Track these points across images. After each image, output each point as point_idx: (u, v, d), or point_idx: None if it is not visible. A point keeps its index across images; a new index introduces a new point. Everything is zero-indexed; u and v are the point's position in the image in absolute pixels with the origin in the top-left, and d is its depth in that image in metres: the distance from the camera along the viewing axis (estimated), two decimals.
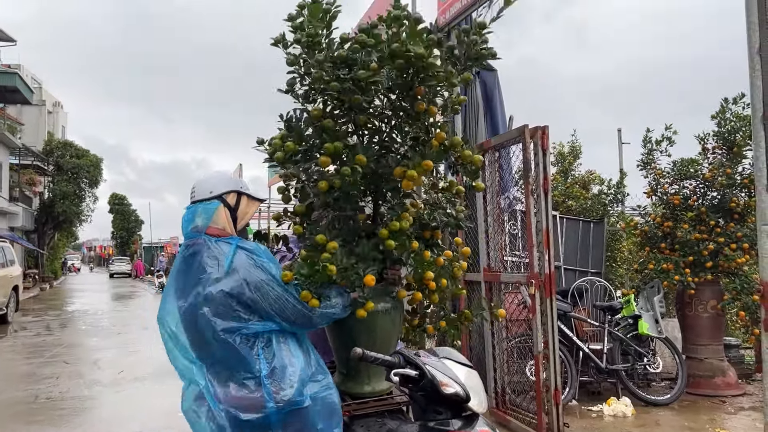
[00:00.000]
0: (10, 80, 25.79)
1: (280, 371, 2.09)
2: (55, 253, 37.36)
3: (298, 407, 2.07)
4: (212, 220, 2.22)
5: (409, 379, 1.93)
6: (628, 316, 6.06)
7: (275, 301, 2.09)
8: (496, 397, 5.16)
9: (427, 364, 1.91)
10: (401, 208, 2.36)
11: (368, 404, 2.34)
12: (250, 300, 2.08)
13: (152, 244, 49.41)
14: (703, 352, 6.18)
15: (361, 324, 2.29)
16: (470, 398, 1.88)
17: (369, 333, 2.30)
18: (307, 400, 2.09)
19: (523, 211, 5.57)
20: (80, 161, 32.94)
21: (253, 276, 2.09)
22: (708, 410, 5.59)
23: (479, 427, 1.88)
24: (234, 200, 2.29)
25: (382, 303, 2.33)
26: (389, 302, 2.36)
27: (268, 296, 2.08)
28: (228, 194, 2.27)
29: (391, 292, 2.37)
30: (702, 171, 6.36)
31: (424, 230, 2.44)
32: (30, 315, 15.61)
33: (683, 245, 6.22)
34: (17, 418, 5.60)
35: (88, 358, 9.01)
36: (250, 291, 2.07)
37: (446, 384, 1.86)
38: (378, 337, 2.23)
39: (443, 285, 2.41)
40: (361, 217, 2.39)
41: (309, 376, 2.15)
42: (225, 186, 2.29)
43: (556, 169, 9.68)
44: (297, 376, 2.10)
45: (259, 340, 2.11)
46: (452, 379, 1.88)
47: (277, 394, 2.05)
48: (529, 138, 4.59)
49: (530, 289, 4.54)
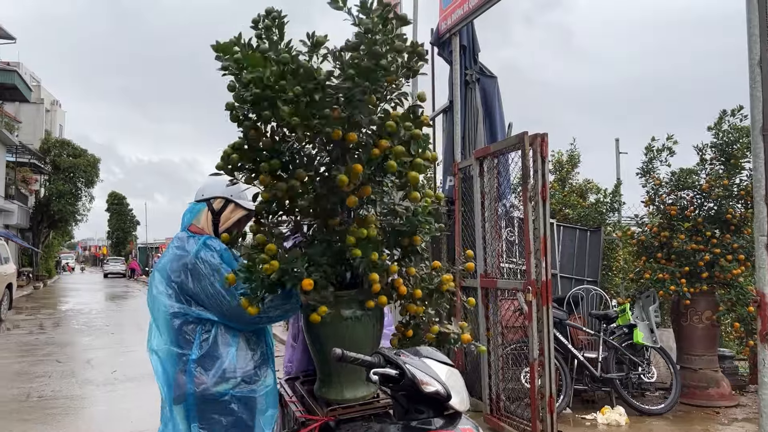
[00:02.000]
0: (9, 78, 25.73)
1: (209, 360, 2.26)
2: (49, 252, 37.27)
3: (213, 399, 2.24)
4: (195, 219, 2.50)
5: (390, 379, 1.91)
6: (624, 325, 6.07)
7: (212, 297, 2.27)
8: (491, 404, 5.15)
9: (407, 363, 1.90)
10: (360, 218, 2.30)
11: (354, 408, 2.33)
12: (191, 291, 2.28)
13: (147, 245, 49.32)
14: (698, 362, 6.18)
15: (328, 330, 2.27)
16: (451, 397, 1.87)
17: (337, 340, 2.26)
18: (226, 395, 2.25)
19: (520, 218, 5.59)
20: (77, 160, 32.91)
21: (198, 269, 2.29)
22: (702, 421, 5.59)
23: (461, 425, 1.87)
24: (220, 205, 2.51)
25: (351, 310, 2.31)
26: (360, 309, 2.33)
27: (206, 290, 2.27)
28: (215, 199, 2.51)
29: (362, 299, 2.34)
30: (699, 182, 6.38)
31: (402, 237, 2.38)
32: (23, 313, 15.55)
33: (679, 255, 6.24)
34: (9, 417, 5.57)
35: (81, 358, 8.97)
36: (192, 282, 2.28)
37: (427, 383, 1.85)
38: (347, 344, 2.18)
39: (417, 296, 2.38)
40: (334, 222, 2.34)
41: (242, 373, 2.30)
42: (214, 192, 2.52)
43: (554, 177, 9.70)
44: (221, 370, 2.26)
45: (200, 327, 2.29)
46: (433, 378, 1.87)
47: (198, 380, 2.23)
48: (529, 145, 4.60)
49: (527, 296, 4.55)
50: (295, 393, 2.66)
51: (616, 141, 11.09)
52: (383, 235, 2.33)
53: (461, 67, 6.16)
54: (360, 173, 2.13)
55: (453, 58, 6.12)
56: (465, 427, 1.85)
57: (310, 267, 2.15)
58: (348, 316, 2.28)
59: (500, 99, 6.49)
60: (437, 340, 2.46)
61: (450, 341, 2.45)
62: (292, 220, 2.43)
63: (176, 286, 2.30)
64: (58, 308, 17.74)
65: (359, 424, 2.22)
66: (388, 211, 2.37)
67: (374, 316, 2.38)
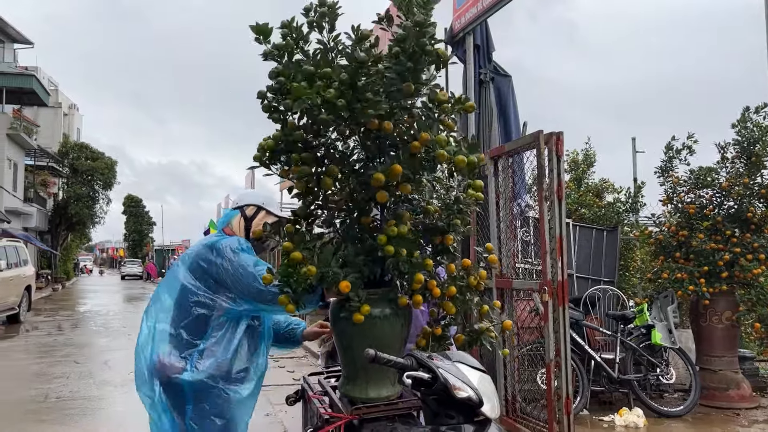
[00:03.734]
0: (27, 82, 26.09)
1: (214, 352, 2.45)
2: (67, 254, 37.69)
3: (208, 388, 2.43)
4: (228, 224, 2.72)
5: (422, 382, 1.89)
6: (641, 325, 6.00)
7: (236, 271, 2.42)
8: (507, 405, 5.11)
9: (440, 368, 1.88)
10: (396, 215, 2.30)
11: (378, 408, 2.31)
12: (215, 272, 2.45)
13: (164, 247, 49.69)
14: (718, 363, 6.09)
15: (355, 328, 2.26)
16: (483, 403, 1.85)
17: (364, 338, 2.26)
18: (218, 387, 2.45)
19: (535, 217, 5.54)
20: (95, 164, 33.25)
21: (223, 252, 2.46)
22: (722, 423, 5.50)
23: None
24: (252, 212, 2.73)
25: (380, 309, 2.30)
26: (389, 308, 2.32)
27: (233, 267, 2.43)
28: (248, 207, 2.74)
29: (393, 298, 2.33)
30: (719, 180, 6.29)
31: (433, 236, 2.40)
32: (42, 315, 15.73)
33: (698, 255, 6.15)
34: (28, 417, 5.63)
35: (99, 359, 9.05)
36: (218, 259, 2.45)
37: (459, 388, 1.83)
38: (375, 343, 2.17)
39: (451, 293, 2.37)
40: (366, 220, 2.35)
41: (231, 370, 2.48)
42: (248, 200, 2.76)
43: (569, 177, 9.63)
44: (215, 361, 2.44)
45: (215, 321, 2.47)
46: (465, 383, 1.85)
47: (199, 366, 2.42)
48: (544, 144, 4.56)
49: (543, 296, 4.50)
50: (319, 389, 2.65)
51: (632, 140, 11.03)
52: (415, 234, 2.33)
53: (475, 66, 6.13)
54: (399, 174, 2.14)
55: (467, 57, 6.09)
56: None
57: (344, 267, 2.17)
58: (377, 315, 2.27)
59: (515, 98, 6.44)
60: (470, 339, 2.44)
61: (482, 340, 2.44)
62: (326, 214, 2.45)
63: (201, 271, 2.47)
64: (76, 310, 17.92)
65: (383, 424, 2.20)
66: (421, 210, 2.38)
67: (402, 316, 2.37)
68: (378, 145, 2.27)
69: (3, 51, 31.05)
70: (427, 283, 2.33)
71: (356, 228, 2.37)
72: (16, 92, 26.24)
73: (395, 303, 2.32)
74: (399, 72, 2.11)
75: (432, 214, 2.40)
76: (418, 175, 2.28)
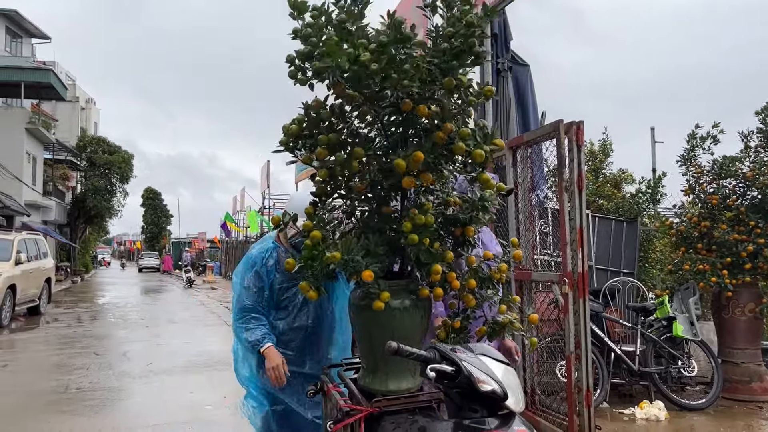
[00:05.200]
0: (45, 77, 26.29)
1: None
2: (86, 247, 38.12)
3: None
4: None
5: (445, 375, 1.86)
6: (662, 317, 5.92)
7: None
8: (526, 398, 5.06)
9: (463, 360, 1.84)
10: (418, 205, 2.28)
11: (399, 400, 2.29)
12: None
13: (180, 240, 50.06)
14: (740, 356, 6.00)
15: (375, 320, 2.25)
16: (507, 396, 1.81)
17: (384, 330, 2.24)
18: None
19: (554, 208, 5.47)
20: (112, 157, 33.56)
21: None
22: (744, 416, 5.42)
23: (516, 426, 1.80)
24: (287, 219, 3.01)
25: (400, 300, 2.28)
26: (409, 300, 2.30)
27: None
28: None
29: (413, 289, 2.31)
30: (743, 170, 6.17)
31: (453, 227, 2.37)
32: (62, 307, 15.92)
33: (721, 246, 6.05)
34: (49, 408, 5.69)
35: (118, 350, 9.13)
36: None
37: (483, 381, 1.79)
38: (394, 335, 2.15)
39: (471, 286, 2.34)
40: (387, 210, 2.33)
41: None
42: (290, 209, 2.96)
43: (586, 168, 9.52)
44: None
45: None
46: (489, 376, 1.81)
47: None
48: (564, 133, 4.49)
49: (563, 288, 4.45)
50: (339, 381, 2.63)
51: (651, 130, 10.89)
52: (435, 225, 2.31)
53: (493, 55, 6.06)
54: (420, 161, 2.11)
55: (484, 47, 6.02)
56: (519, 428, 1.78)
57: (366, 257, 2.15)
58: (397, 306, 2.26)
59: (533, 88, 6.37)
60: (491, 332, 2.41)
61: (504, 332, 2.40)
62: (347, 204, 2.43)
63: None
64: (95, 302, 18.12)
65: (404, 417, 2.18)
66: (441, 201, 2.36)
67: (422, 308, 2.35)
68: (401, 133, 2.25)
69: (21, 45, 31.40)
70: (447, 275, 2.30)
71: (376, 218, 2.35)
72: (34, 87, 26.46)
73: (415, 294, 2.30)
74: (440, 66, 2.10)
75: (452, 206, 2.38)
76: (440, 165, 2.25)
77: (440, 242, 2.31)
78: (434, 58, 2.10)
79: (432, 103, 2.17)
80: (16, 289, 12.16)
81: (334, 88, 2.20)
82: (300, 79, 2.19)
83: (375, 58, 2.01)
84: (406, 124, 2.26)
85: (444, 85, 2.12)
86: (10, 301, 11.88)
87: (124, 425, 5.12)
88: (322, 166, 2.31)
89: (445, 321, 2.47)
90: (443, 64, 2.09)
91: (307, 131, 2.29)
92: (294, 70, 2.19)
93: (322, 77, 2.14)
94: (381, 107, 2.19)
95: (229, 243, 36.04)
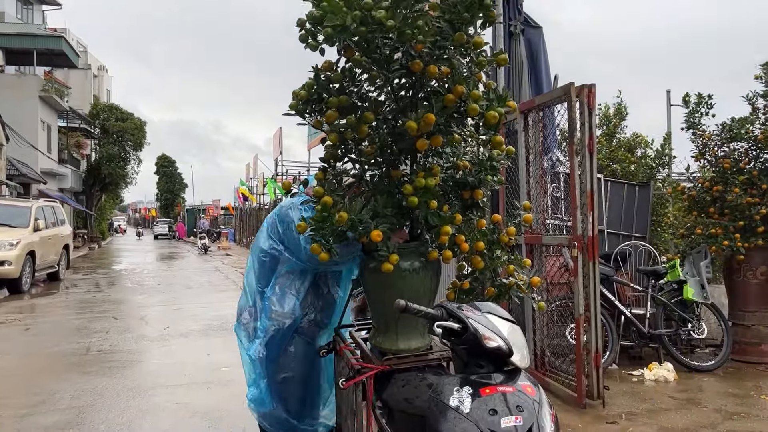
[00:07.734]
0: (57, 44, 26.30)
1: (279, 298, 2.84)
2: (102, 215, 38.53)
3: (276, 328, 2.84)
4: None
5: (452, 332, 1.92)
6: (673, 281, 5.94)
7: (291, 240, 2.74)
8: (536, 359, 5.15)
9: (470, 318, 1.90)
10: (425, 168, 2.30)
11: (408, 359, 2.36)
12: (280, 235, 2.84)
13: (195, 207, 50.41)
14: (751, 318, 6.03)
15: (385, 281, 2.30)
16: (513, 353, 1.87)
17: (394, 291, 2.29)
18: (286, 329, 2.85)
19: (566, 173, 5.47)
20: (125, 124, 33.65)
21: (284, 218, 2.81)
22: (753, 377, 5.48)
23: (521, 381, 1.86)
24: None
25: (409, 262, 2.32)
26: (418, 262, 2.34)
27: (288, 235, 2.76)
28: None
29: (423, 251, 2.35)
30: (754, 132, 6.10)
31: (462, 190, 2.39)
32: (80, 273, 16.21)
33: (733, 209, 6.02)
34: (72, 369, 5.86)
35: (136, 314, 9.33)
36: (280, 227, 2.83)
37: (489, 338, 1.85)
38: (404, 296, 2.20)
39: (479, 248, 2.37)
40: (396, 173, 2.36)
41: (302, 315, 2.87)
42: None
43: (600, 132, 9.43)
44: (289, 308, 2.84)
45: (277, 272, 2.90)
46: (495, 333, 1.87)
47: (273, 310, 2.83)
48: (575, 96, 4.47)
49: (573, 251, 4.48)
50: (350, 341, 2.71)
51: (667, 92, 10.70)
52: (443, 188, 2.34)
53: (505, 17, 5.99)
54: (432, 123, 2.13)
55: (496, 8, 5.94)
56: (525, 384, 1.84)
57: (375, 218, 2.20)
58: (407, 268, 2.31)
59: (546, 50, 6.29)
60: (498, 293, 2.46)
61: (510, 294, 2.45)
62: (357, 169, 2.46)
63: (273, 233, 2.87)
64: (112, 268, 18.42)
65: (414, 374, 2.24)
66: (451, 165, 2.38)
67: (432, 269, 2.39)
68: (411, 96, 2.26)
69: (32, 12, 31.29)
70: (455, 238, 2.34)
71: (385, 182, 2.38)
72: (46, 54, 26.49)
73: (425, 257, 2.34)
74: (451, 21, 2.10)
75: (462, 169, 2.39)
76: (450, 127, 2.27)
77: (449, 205, 2.34)
78: (445, 13, 2.10)
79: (443, 63, 2.17)
80: (35, 255, 12.40)
81: (345, 52, 2.21)
82: (310, 43, 2.19)
83: (390, 15, 2.01)
84: (416, 87, 2.27)
85: (455, 39, 2.11)
86: (29, 267, 12.13)
87: (144, 385, 5.28)
88: (332, 130, 2.33)
89: (454, 282, 2.52)
90: (454, 17, 2.09)
91: (316, 95, 2.31)
92: (305, 35, 2.20)
93: (332, 41, 2.14)
94: (391, 71, 2.20)
95: (243, 210, 36.30)
